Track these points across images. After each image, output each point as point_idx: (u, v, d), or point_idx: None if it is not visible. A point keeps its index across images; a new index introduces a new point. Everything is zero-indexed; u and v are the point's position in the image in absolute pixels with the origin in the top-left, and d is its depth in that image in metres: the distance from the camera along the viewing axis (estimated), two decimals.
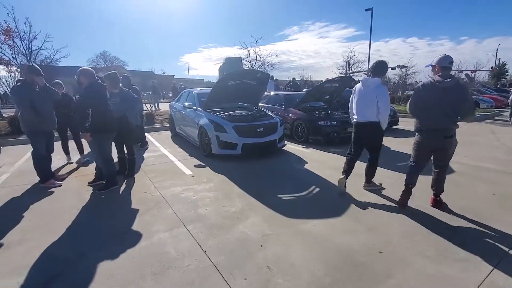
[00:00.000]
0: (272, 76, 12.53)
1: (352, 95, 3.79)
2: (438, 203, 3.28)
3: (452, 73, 3.18)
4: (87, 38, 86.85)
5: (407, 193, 3.28)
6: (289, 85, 13.00)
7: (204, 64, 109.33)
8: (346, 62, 31.62)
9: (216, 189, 3.99)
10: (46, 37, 14.65)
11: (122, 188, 4.07)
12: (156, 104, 15.73)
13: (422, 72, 18.00)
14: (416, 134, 3.21)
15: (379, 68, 3.56)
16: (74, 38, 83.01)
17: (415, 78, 24.34)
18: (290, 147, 6.66)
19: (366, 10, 23.86)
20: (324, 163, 5.24)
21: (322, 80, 29.92)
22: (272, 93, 9.15)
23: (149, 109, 11.88)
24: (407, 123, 10.15)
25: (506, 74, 27.95)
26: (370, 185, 3.92)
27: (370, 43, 22.80)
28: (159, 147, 6.86)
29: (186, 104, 6.90)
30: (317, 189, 3.93)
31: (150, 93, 16.67)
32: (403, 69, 27.95)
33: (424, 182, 3.67)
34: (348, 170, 3.85)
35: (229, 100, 6.59)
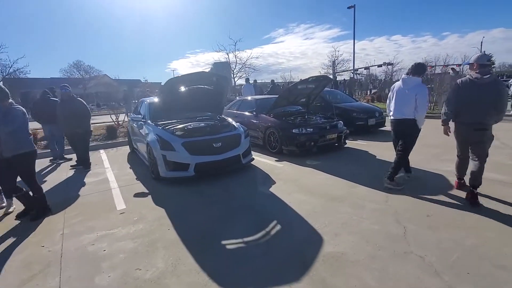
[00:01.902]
0: (247, 78, 11.58)
1: (390, 93, 3.90)
2: (474, 197, 3.20)
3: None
4: (64, 47, 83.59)
5: (462, 186, 3.58)
6: (270, 87, 12.09)
7: (192, 70, 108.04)
8: (333, 62, 31.06)
9: (143, 233, 2.96)
10: (1, 48, 13.38)
11: (17, 237, 3.01)
12: (128, 115, 14.57)
13: (404, 69, 17.28)
14: (454, 125, 3.34)
15: (419, 68, 3.63)
16: (49, 48, 79.99)
17: (401, 75, 23.90)
18: (260, 160, 5.68)
19: (349, 7, 23.25)
20: (296, 183, 4.26)
21: None
22: (245, 98, 8.16)
23: (114, 120, 10.74)
24: None
25: (493, 66, 27.71)
26: (391, 183, 3.77)
27: (354, 40, 22.17)
28: (107, 168, 5.78)
29: (138, 115, 5.88)
30: (278, 227, 2.94)
31: (122, 104, 15.47)
32: (389, 67, 27.55)
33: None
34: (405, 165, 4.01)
35: (188, 110, 5.59)
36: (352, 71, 25.42)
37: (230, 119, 5.64)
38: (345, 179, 4.26)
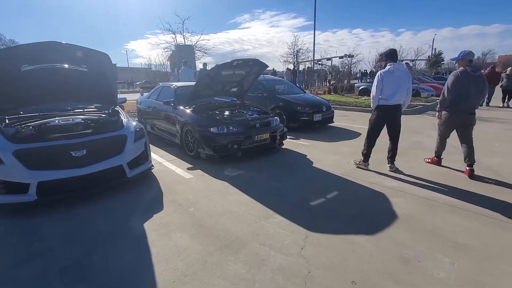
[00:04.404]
0: (185, 61, 9.92)
1: (377, 81, 3.77)
2: (472, 173, 3.65)
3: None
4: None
5: (439, 162, 4.16)
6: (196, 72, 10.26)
7: (152, 52, 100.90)
8: (296, 51, 30.09)
9: None
10: None
11: None
12: None
13: (362, 61, 16.87)
14: (445, 112, 3.82)
15: (395, 53, 3.86)
16: None
17: (359, 67, 23.76)
18: (167, 168, 4.34)
19: None
20: (191, 210, 3.00)
21: (273, 69, 27.83)
22: (167, 84, 6.57)
23: None
24: (345, 119, 8.53)
25: (442, 62, 29.11)
26: (392, 165, 4.03)
27: (315, 28, 21.34)
28: None
29: None
30: None
31: None
32: (349, 58, 27.47)
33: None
34: (369, 154, 4.07)
35: (59, 99, 3.98)
36: (312, 61, 24.71)
37: (123, 114, 4.14)
38: (263, 203, 3.10)
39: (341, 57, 29.29)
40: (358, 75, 27.37)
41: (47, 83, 3.57)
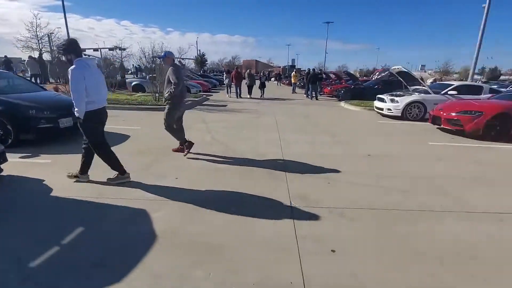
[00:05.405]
0: None
1: (77, 81, 2.88)
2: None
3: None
4: None
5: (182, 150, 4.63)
6: None
7: None
8: (48, 36, 23.11)
9: None
10: None
11: None
12: None
13: (133, 55, 15.72)
14: (173, 106, 4.42)
15: (79, 46, 3.05)
16: None
17: (132, 62, 22.49)
18: None
19: None
20: None
21: (5, 57, 19.72)
22: None
23: None
24: (114, 119, 7.32)
25: (206, 62, 34.31)
26: (84, 176, 3.41)
27: (64, 10, 17.35)
28: None
29: None
30: None
31: None
32: (120, 51, 25.25)
33: None
34: (116, 164, 3.45)
35: None
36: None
37: None
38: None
39: (110, 49, 26.41)
40: (132, 71, 25.89)
41: None
